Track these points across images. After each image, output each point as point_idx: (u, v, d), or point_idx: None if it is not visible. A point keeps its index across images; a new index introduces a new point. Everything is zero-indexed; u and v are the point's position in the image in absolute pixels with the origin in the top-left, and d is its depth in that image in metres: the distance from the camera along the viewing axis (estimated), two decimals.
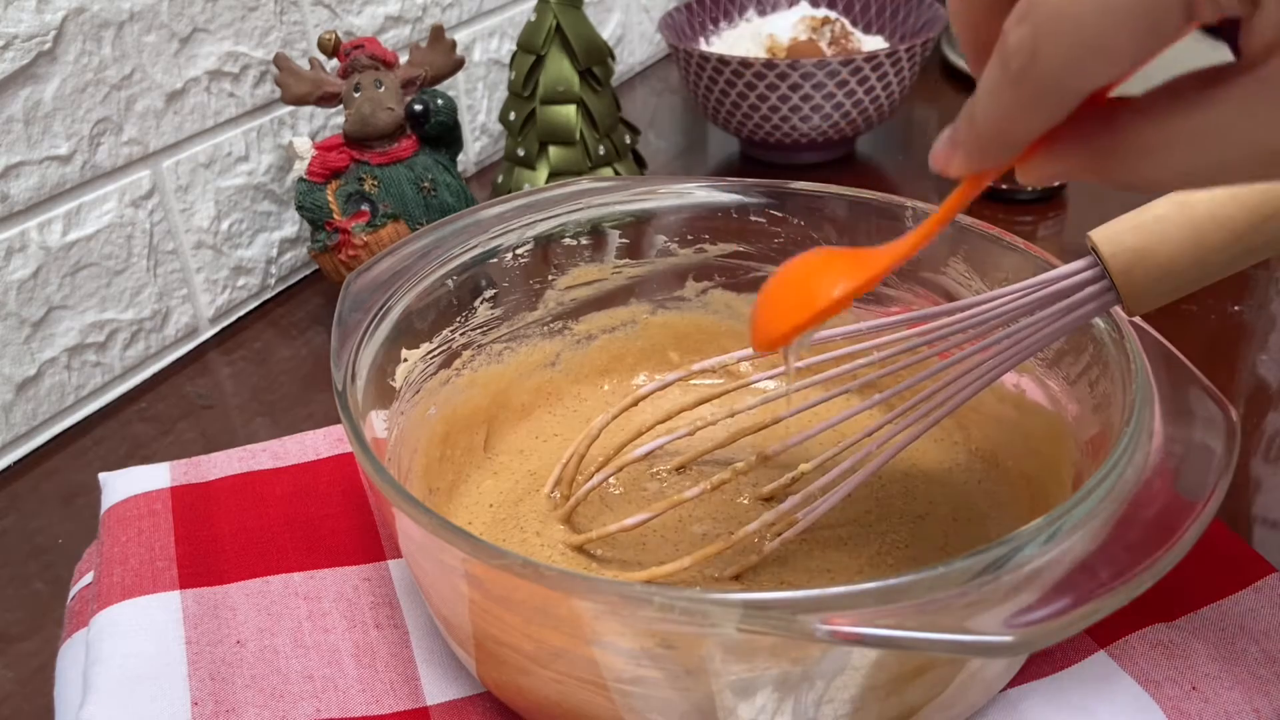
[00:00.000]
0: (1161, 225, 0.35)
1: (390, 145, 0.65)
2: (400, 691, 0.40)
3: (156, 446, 0.57)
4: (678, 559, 0.41)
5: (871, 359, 0.43)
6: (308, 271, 0.73)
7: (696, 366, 0.46)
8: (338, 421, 0.41)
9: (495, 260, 0.49)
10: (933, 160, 0.29)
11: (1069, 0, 0.23)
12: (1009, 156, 0.27)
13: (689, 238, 0.53)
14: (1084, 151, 0.27)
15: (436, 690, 0.40)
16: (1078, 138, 0.27)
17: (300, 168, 0.65)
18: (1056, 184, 0.74)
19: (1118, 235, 0.36)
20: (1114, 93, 0.26)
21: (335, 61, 0.65)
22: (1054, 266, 0.40)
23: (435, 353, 0.47)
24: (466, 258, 0.48)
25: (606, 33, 1.00)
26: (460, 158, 0.81)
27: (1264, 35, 0.23)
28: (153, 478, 0.50)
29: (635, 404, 0.46)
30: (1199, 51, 0.26)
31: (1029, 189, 0.74)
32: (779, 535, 0.42)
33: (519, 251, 0.50)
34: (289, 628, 0.42)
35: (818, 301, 0.31)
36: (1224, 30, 0.24)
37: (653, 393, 0.46)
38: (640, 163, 0.79)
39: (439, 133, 0.66)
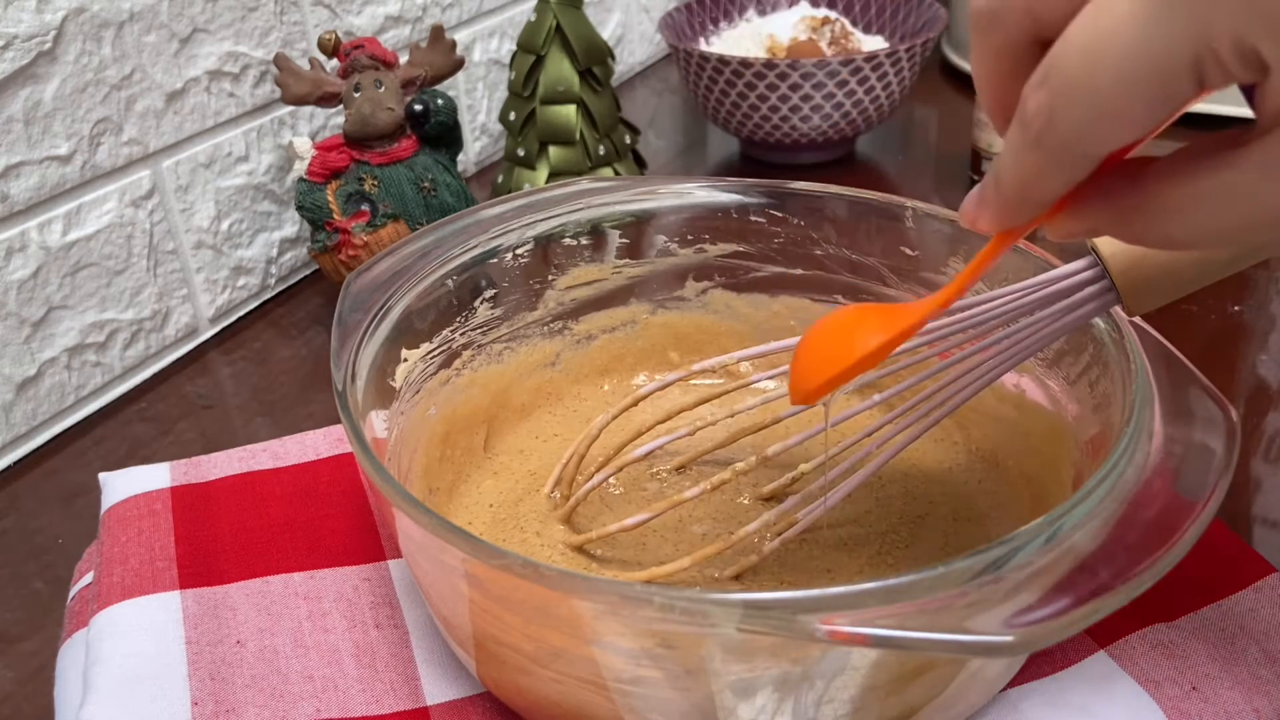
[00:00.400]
0: None
1: (390, 145, 0.65)
2: (400, 691, 0.40)
3: (156, 446, 0.57)
4: (678, 559, 0.41)
5: None
6: (308, 271, 0.73)
7: (696, 366, 0.46)
8: (338, 421, 0.41)
9: (495, 260, 0.49)
10: (961, 217, 0.30)
11: (1083, 70, 0.23)
12: (1034, 214, 0.28)
13: (689, 238, 0.53)
14: (1109, 210, 0.27)
15: (436, 690, 0.40)
16: (1102, 197, 0.27)
17: (300, 168, 0.66)
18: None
19: None
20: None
21: (335, 61, 0.65)
22: (1054, 266, 0.40)
23: (435, 353, 0.47)
24: (466, 258, 0.48)
25: (606, 33, 1.00)
26: (460, 158, 0.81)
27: (1275, 101, 0.23)
28: (153, 478, 0.50)
29: (635, 404, 0.46)
30: None
31: None
32: (779, 535, 0.42)
33: (519, 251, 0.50)
34: (289, 628, 0.42)
35: (854, 353, 0.32)
36: (1246, 91, 0.25)
37: (653, 393, 0.46)
38: (640, 163, 0.79)
39: (439, 133, 0.66)
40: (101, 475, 0.50)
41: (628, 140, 0.77)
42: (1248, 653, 0.38)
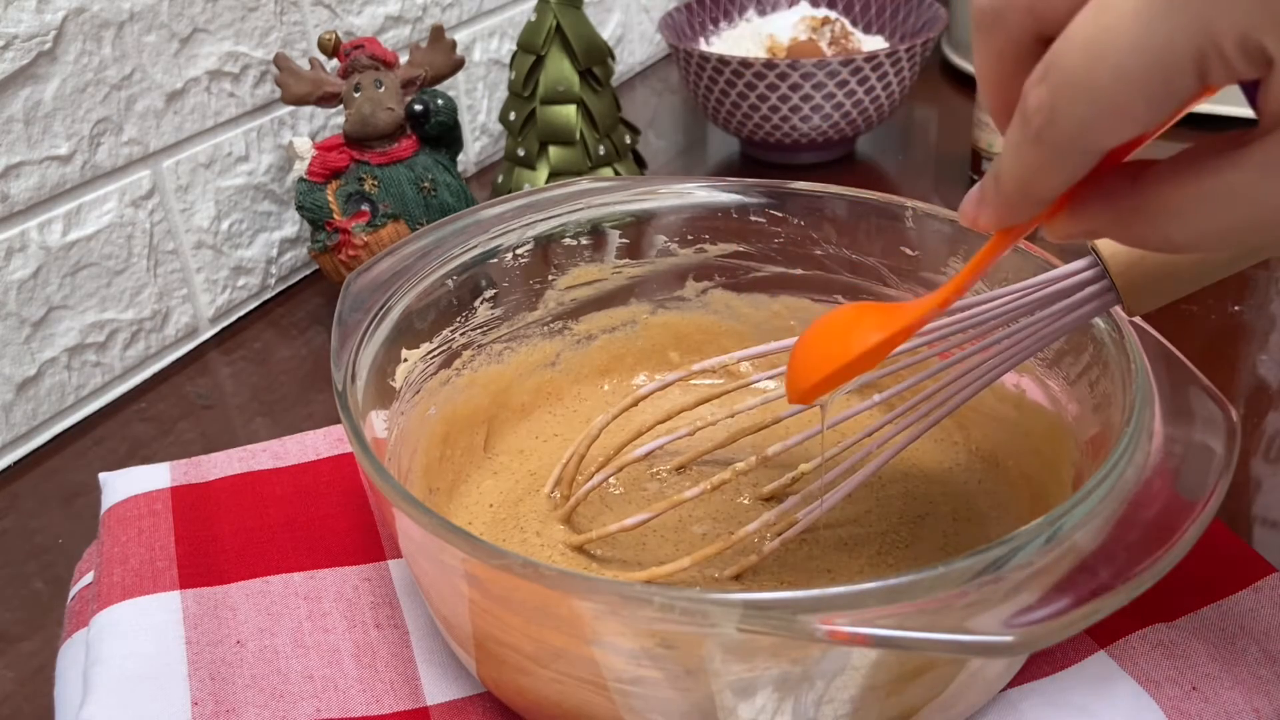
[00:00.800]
0: None
1: (390, 145, 0.65)
2: (400, 691, 0.40)
3: (156, 446, 0.57)
4: (678, 559, 0.41)
5: None
6: (308, 271, 0.73)
7: (696, 366, 0.46)
8: (338, 421, 0.41)
9: (495, 260, 0.49)
10: (961, 216, 0.30)
11: (1084, 65, 0.23)
12: (1034, 212, 0.28)
13: (689, 238, 0.53)
14: (1109, 211, 0.27)
15: (436, 690, 0.40)
16: (1103, 198, 0.27)
17: (300, 168, 0.66)
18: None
19: None
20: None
21: (335, 61, 0.65)
22: (1054, 266, 0.40)
23: (435, 353, 0.47)
24: (466, 258, 0.48)
25: (606, 33, 1.00)
26: (460, 158, 0.81)
27: (1278, 98, 0.23)
28: (153, 478, 0.50)
29: (635, 404, 0.46)
30: None
31: None
32: (779, 535, 0.42)
33: (519, 251, 0.50)
34: (289, 628, 0.42)
35: (851, 351, 0.31)
36: (1247, 90, 0.24)
37: (653, 393, 0.46)
38: (640, 163, 0.79)
39: (439, 133, 0.66)
40: (101, 475, 0.50)
41: (628, 140, 0.77)
42: (1248, 653, 0.38)
